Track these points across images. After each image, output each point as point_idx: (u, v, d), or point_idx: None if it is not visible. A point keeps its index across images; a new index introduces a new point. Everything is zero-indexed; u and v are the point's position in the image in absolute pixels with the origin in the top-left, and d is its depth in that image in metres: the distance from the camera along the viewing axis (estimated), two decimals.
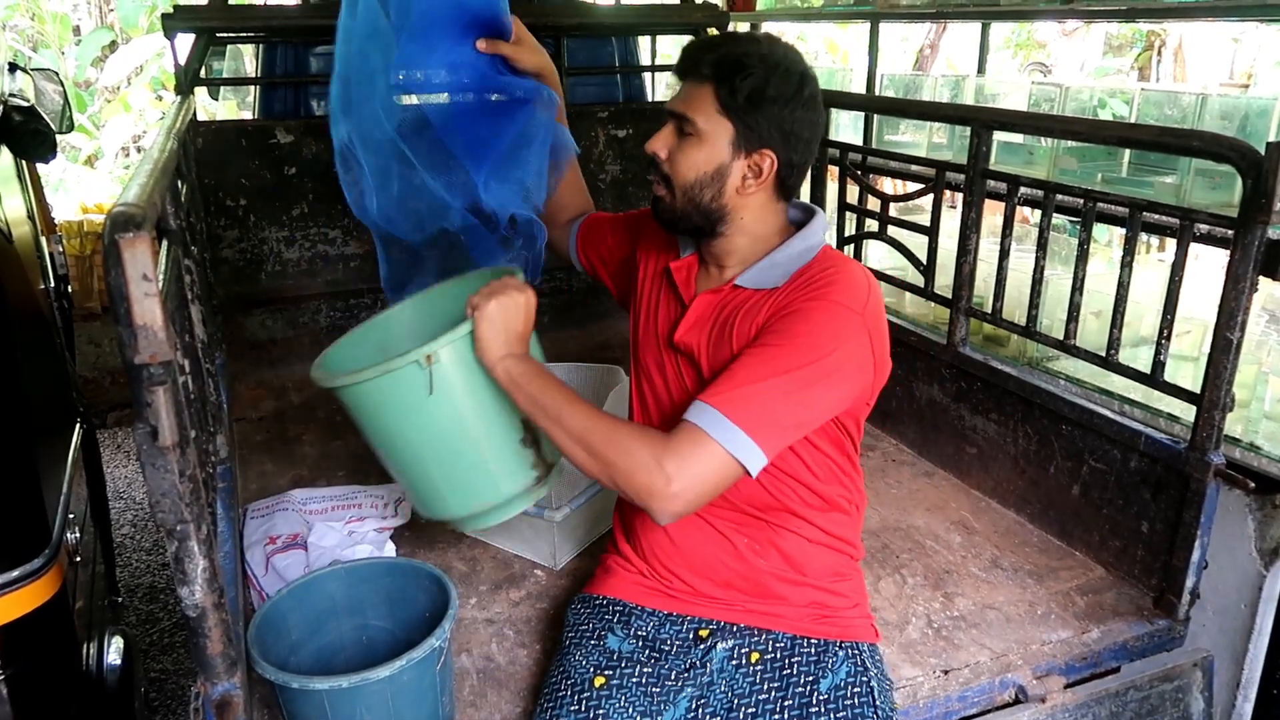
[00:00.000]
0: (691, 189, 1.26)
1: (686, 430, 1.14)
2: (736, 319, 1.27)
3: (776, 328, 1.20)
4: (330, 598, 1.45)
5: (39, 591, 1.31)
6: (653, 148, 1.28)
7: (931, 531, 1.97)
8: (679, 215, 1.29)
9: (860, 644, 1.34)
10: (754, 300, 1.27)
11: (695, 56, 1.25)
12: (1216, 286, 1.54)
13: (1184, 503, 1.64)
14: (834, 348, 1.16)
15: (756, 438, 1.12)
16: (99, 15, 8.79)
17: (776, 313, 1.22)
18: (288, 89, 3.13)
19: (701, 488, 1.13)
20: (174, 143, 1.46)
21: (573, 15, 3.15)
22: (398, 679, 1.22)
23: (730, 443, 1.12)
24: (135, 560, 3.21)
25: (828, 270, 1.24)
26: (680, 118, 1.25)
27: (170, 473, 0.91)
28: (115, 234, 0.83)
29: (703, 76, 1.23)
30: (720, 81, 1.21)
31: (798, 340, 1.17)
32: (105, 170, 6.85)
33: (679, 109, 1.25)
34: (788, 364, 1.15)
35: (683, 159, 1.25)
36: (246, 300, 2.83)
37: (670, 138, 1.27)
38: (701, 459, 1.12)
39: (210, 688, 1.02)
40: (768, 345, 1.18)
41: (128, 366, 0.87)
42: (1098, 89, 2.81)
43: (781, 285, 1.25)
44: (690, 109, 1.24)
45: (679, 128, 1.26)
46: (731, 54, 1.22)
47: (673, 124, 1.27)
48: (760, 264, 1.29)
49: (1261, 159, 1.43)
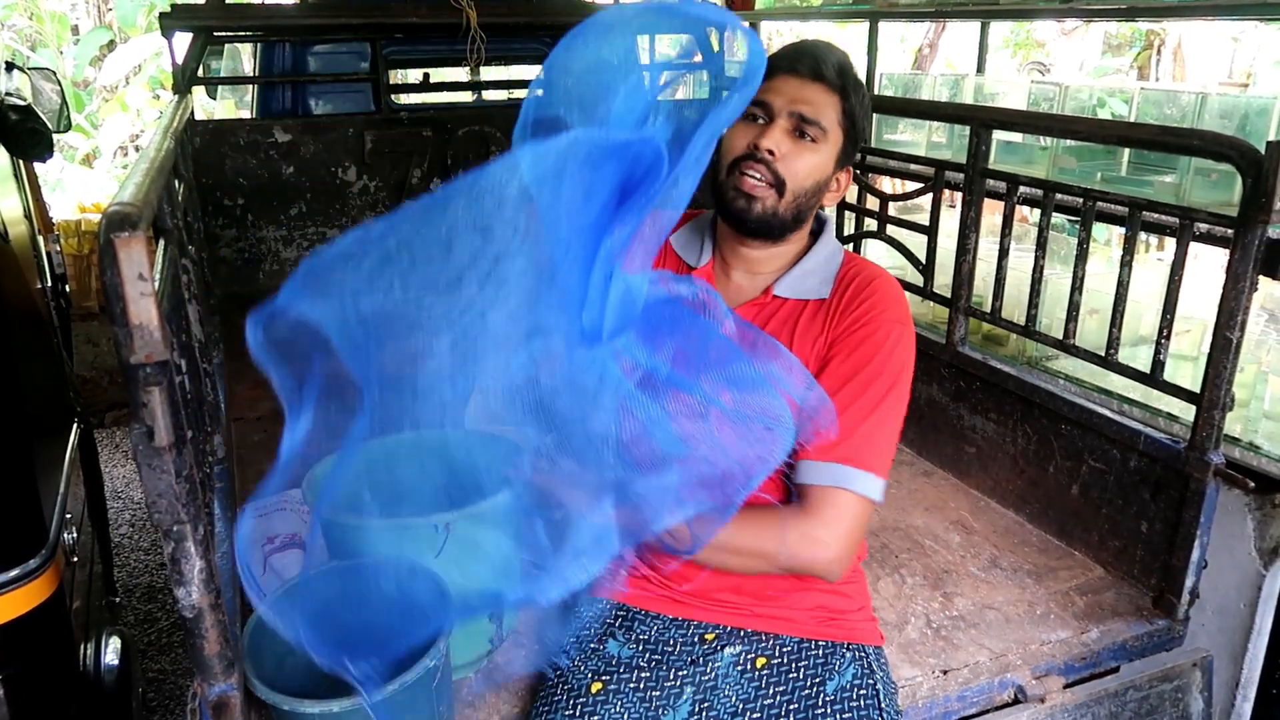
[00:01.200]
0: (803, 194, 1.22)
1: (822, 495, 1.19)
2: (792, 335, 1.27)
3: (855, 359, 1.23)
4: (329, 594, 1.44)
5: (36, 591, 1.31)
6: (769, 144, 1.19)
7: (930, 531, 1.97)
8: (779, 219, 1.23)
9: (866, 646, 1.33)
10: (802, 313, 1.28)
11: (821, 59, 1.21)
12: (1216, 286, 1.53)
13: (1183, 502, 1.64)
14: (904, 367, 1.24)
15: (878, 472, 1.20)
16: (97, 14, 8.78)
17: (842, 335, 1.24)
18: (285, 88, 3.13)
19: (854, 539, 1.21)
20: (171, 142, 1.46)
21: (571, 14, 3.15)
22: (392, 701, 1.20)
23: (863, 488, 1.19)
24: (133, 560, 3.21)
25: (872, 282, 1.27)
26: (806, 120, 1.19)
27: (167, 473, 0.90)
28: (111, 233, 0.82)
29: (832, 84, 1.20)
30: (845, 94, 1.21)
31: (880, 370, 1.22)
32: (103, 169, 6.85)
33: (806, 111, 1.19)
34: (879, 396, 1.21)
35: (802, 162, 1.21)
36: (244, 300, 2.80)
37: (785, 138, 1.20)
38: (846, 516, 1.19)
39: (207, 688, 1.02)
40: (856, 380, 1.22)
41: (124, 366, 0.86)
42: (1097, 88, 2.81)
43: (829, 296, 1.27)
44: (819, 113, 1.20)
45: (797, 129, 1.20)
46: (847, 67, 1.22)
47: (787, 123, 1.20)
48: (793, 272, 1.29)
49: (1261, 158, 1.42)
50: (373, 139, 2.82)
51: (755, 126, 1.21)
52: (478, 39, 2.78)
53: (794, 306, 1.28)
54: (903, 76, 3.57)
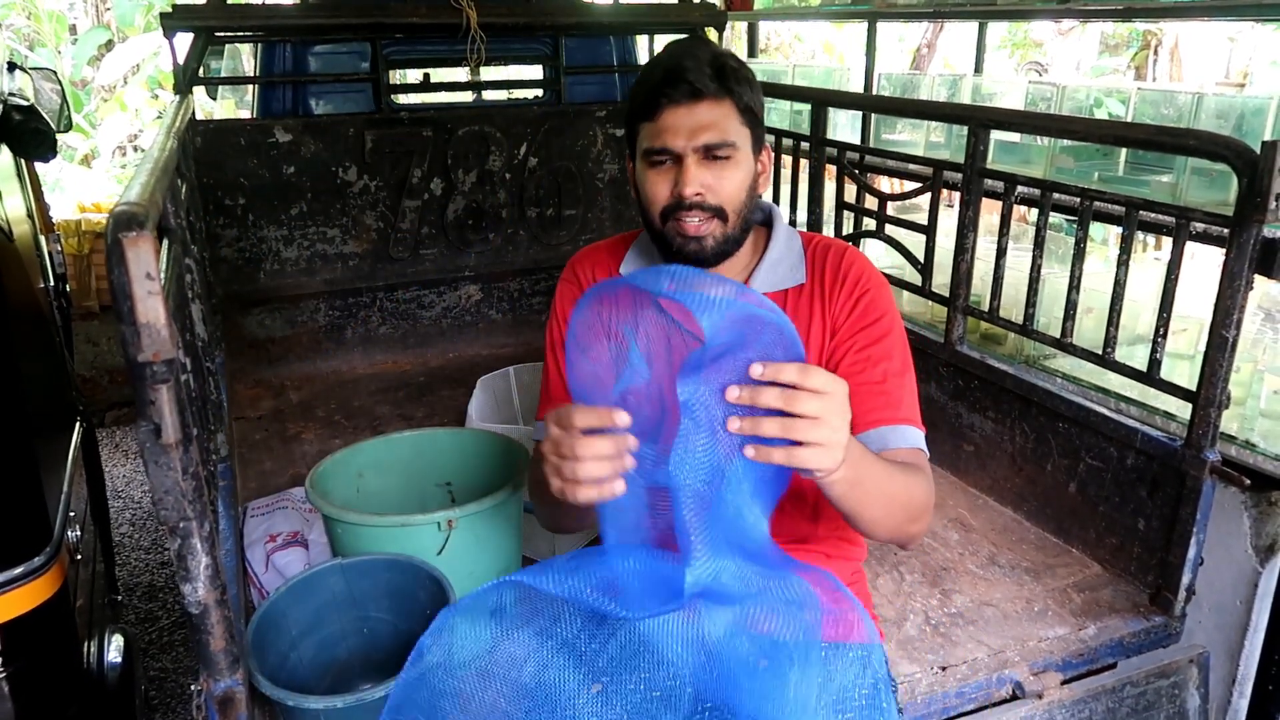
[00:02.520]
0: (743, 207, 1.20)
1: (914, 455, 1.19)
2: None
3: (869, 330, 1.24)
4: (331, 591, 1.45)
5: (41, 589, 1.31)
6: (692, 188, 1.15)
7: (929, 529, 1.97)
8: (732, 239, 1.21)
9: (867, 645, 1.34)
10: (784, 304, 1.27)
11: (694, 75, 1.13)
12: (1212, 285, 1.54)
13: (1180, 500, 1.65)
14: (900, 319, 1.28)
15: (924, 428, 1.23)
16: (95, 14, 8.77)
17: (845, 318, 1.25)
18: (286, 88, 3.13)
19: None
20: (174, 142, 1.46)
21: (571, 14, 3.16)
22: None
23: (924, 444, 1.20)
24: (134, 559, 3.21)
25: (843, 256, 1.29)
26: (712, 145, 1.14)
27: (173, 470, 0.91)
28: (118, 233, 0.83)
29: (718, 92, 1.14)
30: (732, 92, 1.15)
31: (889, 332, 1.24)
32: (102, 169, 6.84)
33: (709, 138, 1.14)
34: (904, 356, 1.25)
35: (727, 184, 1.17)
36: (245, 299, 2.83)
37: (702, 170, 1.15)
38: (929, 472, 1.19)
39: (213, 684, 1.02)
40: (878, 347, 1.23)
41: (131, 364, 0.87)
42: (1094, 88, 2.82)
43: (806, 280, 1.28)
44: (722, 132, 1.14)
45: (708, 155, 1.15)
46: (720, 61, 1.16)
47: (696, 157, 1.15)
48: (761, 266, 1.28)
49: (1257, 158, 1.43)
50: (373, 139, 2.83)
51: (667, 171, 1.16)
52: (478, 39, 2.79)
53: (774, 298, 1.28)
54: (901, 76, 3.58)
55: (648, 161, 1.18)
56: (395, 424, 2.53)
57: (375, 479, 1.64)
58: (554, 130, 3.07)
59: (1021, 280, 1.95)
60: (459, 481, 1.70)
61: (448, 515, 1.37)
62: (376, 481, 1.64)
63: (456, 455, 1.69)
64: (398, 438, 1.69)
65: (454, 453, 1.69)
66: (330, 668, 1.44)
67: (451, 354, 3.08)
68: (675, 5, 3.32)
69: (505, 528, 1.50)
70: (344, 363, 2.96)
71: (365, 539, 1.43)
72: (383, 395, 2.75)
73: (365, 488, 1.63)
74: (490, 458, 1.66)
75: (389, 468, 1.66)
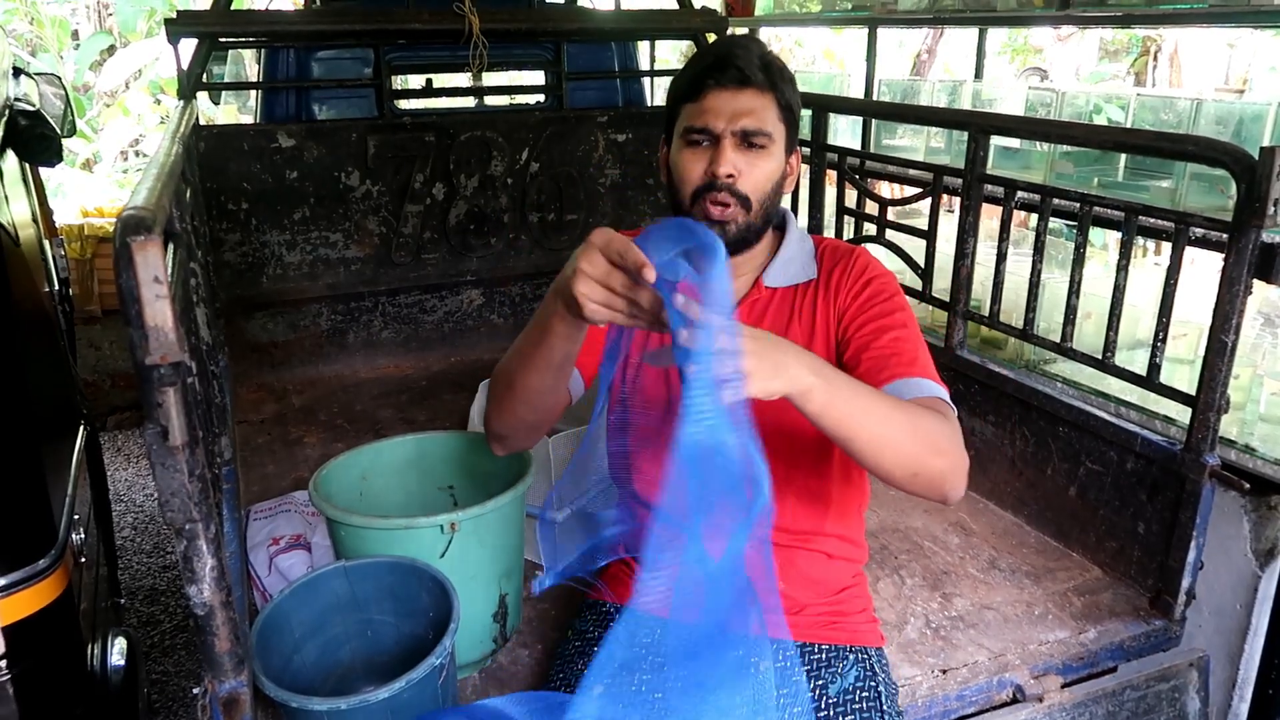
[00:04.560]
0: (767, 200, 1.24)
1: (932, 403, 1.14)
2: (789, 317, 1.31)
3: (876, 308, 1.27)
4: (334, 594, 1.46)
5: (45, 592, 1.32)
6: (726, 169, 1.19)
7: (930, 533, 1.98)
8: (753, 230, 1.25)
9: (868, 648, 1.34)
10: (796, 296, 1.31)
11: (744, 63, 1.20)
12: (1212, 290, 1.55)
13: (1180, 504, 1.65)
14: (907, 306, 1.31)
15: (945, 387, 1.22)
16: (97, 19, 8.79)
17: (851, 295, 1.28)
18: (289, 93, 3.14)
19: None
20: (179, 147, 1.47)
21: (573, 20, 3.18)
22: (398, 699, 1.21)
23: (946, 397, 1.18)
24: (136, 563, 3.22)
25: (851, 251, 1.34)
26: (750, 132, 1.19)
27: (180, 472, 0.92)
28: (126, 237, 0.84)
29: (763, 85, 1.20)
30: (776, 88, 1.21)
31: (898, 309, 1.27)
32: (104, 174, 6.85)
33: (748, 124, 1.19)
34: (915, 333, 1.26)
35: (758, 173, 1.21)
36: (248, 303, 2.84)
37: (737, 155, 1.20)
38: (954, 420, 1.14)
39: (218, 685, 1.03)
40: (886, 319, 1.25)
41: (138, 368, 0.88)
42: (1094, 94, 2.84)
43: (818, 275, 1.31)
44: (761, 121, 1.20)
45: (745, 141, 1.20)
46: (769, 59, 1.22)
47: (733, 141, 1.19)
48: (775, 263, 1.32)
49: (1255, 163, 1.44)
50: (376, 144, 2.84)
51: (703, 151, 1.21)
52: (480, 45, 2.80)
53: (786, 293, 1.32)
54: (901, 82, 3.59)
55: (685, 140, 1.22)
56: (398, 428, 2.53)
57: (378, 482, 1.65)
58: (556, 135, 3.08)
59: (1021, 285, 1.96)
60: (461, 485, 1.71)
61: (451, 518, 1.38)
62: (379, 485, 1.65)
63: (459, 459, 1.70)
64: (400, 441, 1.69)
65: (456, 456, 1.70)
66: (333, 670, 1.44)
67: (454, 358, 3.08)
68: (676, 11, 3.33)
69: (508, 531, 1.51)
70: (346, 367, 2.97)
71: (368, 542, 1.44)
72: (385, 399, 2.76)
73: (368, 491, 1.63)
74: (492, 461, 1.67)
75: (392, 471, 1.66)
